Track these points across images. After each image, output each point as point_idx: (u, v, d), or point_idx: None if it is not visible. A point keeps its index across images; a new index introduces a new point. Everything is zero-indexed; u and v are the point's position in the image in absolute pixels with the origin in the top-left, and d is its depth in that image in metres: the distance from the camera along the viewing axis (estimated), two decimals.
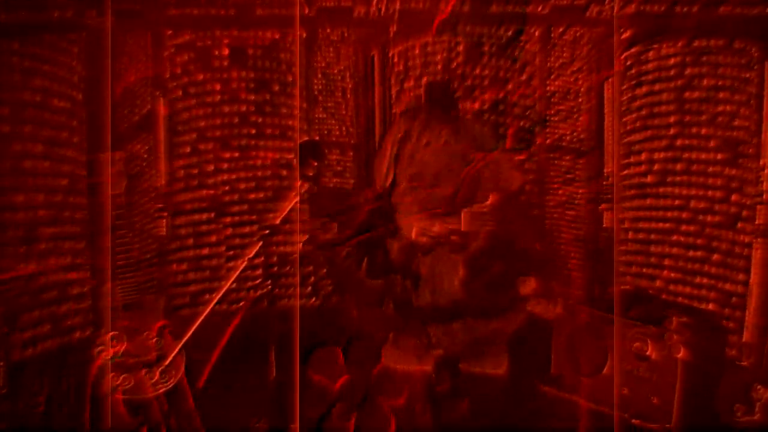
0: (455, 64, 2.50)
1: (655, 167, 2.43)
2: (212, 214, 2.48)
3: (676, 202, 2.41)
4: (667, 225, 2.42)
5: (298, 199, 2.51)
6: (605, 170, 2.48)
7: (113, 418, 2.35)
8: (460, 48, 2.49)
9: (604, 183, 2.47)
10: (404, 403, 2.46)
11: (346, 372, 2.46)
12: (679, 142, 2.40)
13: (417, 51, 2.50)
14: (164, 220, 2.45)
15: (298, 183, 2.50)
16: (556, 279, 2.45)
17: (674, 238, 2.41)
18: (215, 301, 2.45)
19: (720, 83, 2.35)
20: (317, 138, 2.53)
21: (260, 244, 2.49)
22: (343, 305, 2.51)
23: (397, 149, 2.48)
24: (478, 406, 2.47)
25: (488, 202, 2.45)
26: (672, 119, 2.41)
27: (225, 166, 2.48)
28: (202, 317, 2.43)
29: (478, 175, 2.44)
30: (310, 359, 2.45)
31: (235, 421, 2.45)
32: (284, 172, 2.52)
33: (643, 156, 2.44)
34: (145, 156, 2.44)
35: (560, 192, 2.51)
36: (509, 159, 2.45)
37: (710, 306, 2.37)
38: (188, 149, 2.47)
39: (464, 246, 2.44)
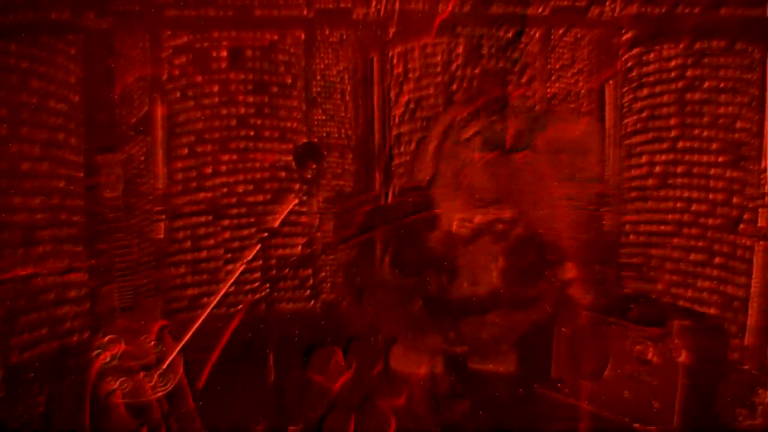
0: (455, 65, 2.48)
1: (656, 169, 2.42)
2: (210, 217, 2.47)
3: (678, 204, 2.40)
4: (668, 228, 2.41)
5: (296, 201, 2.50)
6: (606, 173, 2.46)
7: (113, 418, 2.34)
8: (460, 49, 2.47)
9: (605, 185, 2.46)
10: (404, 403, 2.45)
11: (346, 372, 2.45)
12: (680, 145, 2.39)
13: (416, 52, 2.49)
14: (162, 223, 2.44)
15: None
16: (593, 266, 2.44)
17: (675, 241, 2.40)
18: (213, 304, 2.44)
19: (721, 85, 2.34)
20: (316, 140, 2.52)
21: (259, 247, 2.48)
22: (356, 307, 2.49)
23: (441, 140, 2.46)
24: (479, 406, 2.46)
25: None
26: (673, 121, 2.40)
27: (223, 168, 2.47)
28: (200, 321, 2.42)
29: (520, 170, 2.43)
30: (310, 360, 2.45)
31: (234, 423, 2.44)
32: (283, 175, 2.51)
33: (644, 158, 2.43)
34: (143, 158, 2.43)
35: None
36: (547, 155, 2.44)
37: (712, 309, 2.36)
38: (186, 151, 2.45)
39: (505, 235, 2.42)
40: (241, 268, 2.46)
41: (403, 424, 2.44)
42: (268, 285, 2.50)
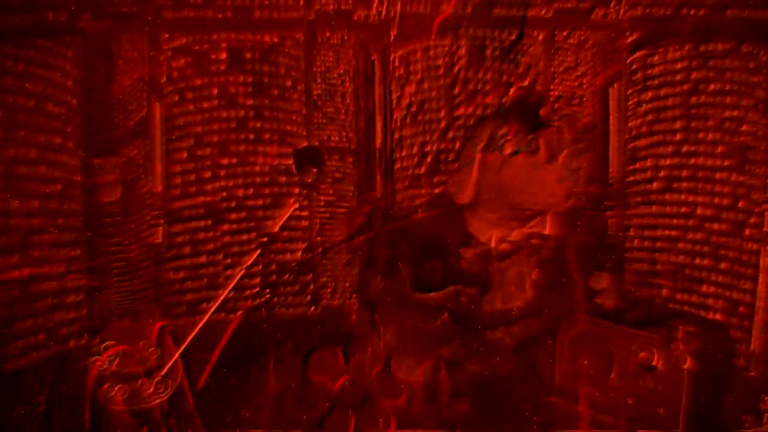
0: (457, 68, 2.46)
1: (661, 173, 2.40)
2: (210, 222, 2.45)
3: (683, 209, 2.38)
4: (673, 232, 2.39)
5: (297, 206, 2.48)
6: (610, 176, 2.45)
7: (113, 418, 2.33)
8: (462, 51, 2.45)
9: (609, 189, 2.44)
10: (404, 403, 2.44)
11: (346, 372, 2.44)
12: (685, 148, 2.38)
13: (418, 55, 2.47)
14: (161, 228, 2.42)
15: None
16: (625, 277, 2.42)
17: (680, 245, 2.38)
18: (212, 310, 2.42)
19: (727, 87, 2.33)
20: (316, 143, 2.50)
21: (258, 251, 2.46)
22: (362, 314, 2.48)
23: (481, 158, 2.45)
24: (479, 408, 2.45)
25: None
26: (678, 124, 2.38)
27: (222, 172, 2.45)
28: (199, 326, 2.40)
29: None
30: (310, 360, 2.44)
31: (234, 427, 2.44)
32: (283, 179, 2.49)
33: (649, 162, 2.41)
34: (141, 162, 2.41)
35: None
36: (553, 172, 2.42)
37: (717, 315, 2.34)
38: (185, 155, 2.43)
39: (541, 249, 2.41)
40: (241, 274, 2.45)
41: (403, 424, 2.43)
42: (268, 290, 2.48)
